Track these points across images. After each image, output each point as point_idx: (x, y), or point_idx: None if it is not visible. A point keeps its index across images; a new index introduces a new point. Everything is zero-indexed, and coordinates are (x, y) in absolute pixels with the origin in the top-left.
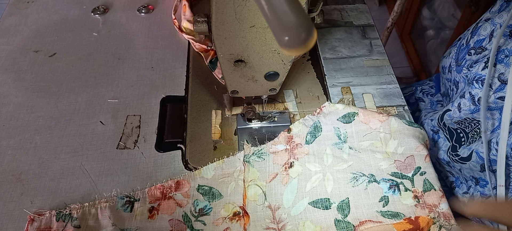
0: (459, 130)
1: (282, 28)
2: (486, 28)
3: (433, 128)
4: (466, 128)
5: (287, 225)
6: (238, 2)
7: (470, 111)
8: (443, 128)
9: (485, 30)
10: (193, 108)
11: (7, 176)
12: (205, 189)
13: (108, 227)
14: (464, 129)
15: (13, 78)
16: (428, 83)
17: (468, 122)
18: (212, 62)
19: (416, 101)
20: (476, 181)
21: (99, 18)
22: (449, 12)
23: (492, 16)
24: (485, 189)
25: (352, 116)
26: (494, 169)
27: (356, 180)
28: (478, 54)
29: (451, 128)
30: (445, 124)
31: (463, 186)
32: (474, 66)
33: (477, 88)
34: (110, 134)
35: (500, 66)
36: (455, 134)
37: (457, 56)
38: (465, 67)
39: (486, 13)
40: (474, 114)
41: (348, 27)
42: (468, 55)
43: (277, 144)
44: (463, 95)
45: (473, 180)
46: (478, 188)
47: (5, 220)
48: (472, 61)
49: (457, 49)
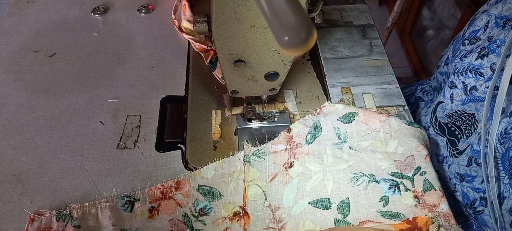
0: (450, 124)
1: (282, 28)
2: (481, 19)
3: (426, 124)
4: (456, 121)
5: (287, 225)
6: (238, 2)
7: (461, 102)
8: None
9: (481, 21)
10: (193, 108)
11: (7, 176)
12: (205, 189)
13: (108, 227)
14: (454, 123)
15: (13, 78)
16: (428, 82)
17: (458, 115)
18: (212, 62)
19: (416, 101)
20: (460, 177)
21: (99, 18)
22: (449, 12)
23: (488, 8)
24: (474, 183)
25: (352, 116)
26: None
27: (356, 180)
28: (472, 44)
29: (442, 122)
30: (437, 117)
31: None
32: (467, 56)
33: (470, 78)
34: (110, 134)
35: (492, 56)
36: (446, 128)
37: (454, 48)
38: (458, 57)
39: (484, 5)
40: (465, 106)
41: (348, 27)
42: (462, 45)
43: (277, 143)
44: (454, 85)
45: (458, 177)
46: (464, 184)
47: (5, 220)
48: (466, 51)
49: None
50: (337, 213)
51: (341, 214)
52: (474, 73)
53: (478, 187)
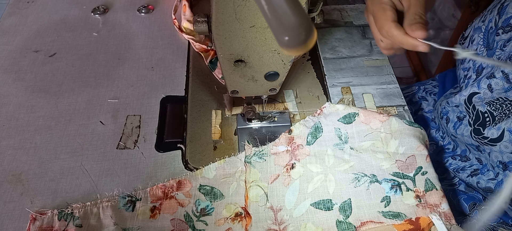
0: (487, 113)
1: (282, 28)
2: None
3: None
4: (496, 109)
5: (289, 227)
6: (238, 2)
7: (503, 89)
8: (472, 111)
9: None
10: (193, 108)
11: (7, 176)
12: (207, 189)
13: (110, 227)
14: (492, 112)
15: (13, 78)
16: (431, 82)
17: (499, 103)
18: (212, 62)
19: (419, 100)
20: (504, 166)
21: (99, 18)
22: (449, 12)
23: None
24: None
25: (352, 117)
26: None
27: (357, 180)
28: (507, 32)
29: (480, 110)
30: (474, 106)
31: (490, 173)
32: (507, 45)
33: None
34: (110, 134)
35: None
36: (481, 117)
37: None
38: (498, 48)
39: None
40: (508, 93)
41: (348, 27)
42: (497, 35)
43: (278, 145)
44: (492, 75)
45: (500, 165)
46: (507, 173)
47: (5, 220)
48: (503, 40)
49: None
50: (338, 214)
51: (343, 215)
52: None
53: None
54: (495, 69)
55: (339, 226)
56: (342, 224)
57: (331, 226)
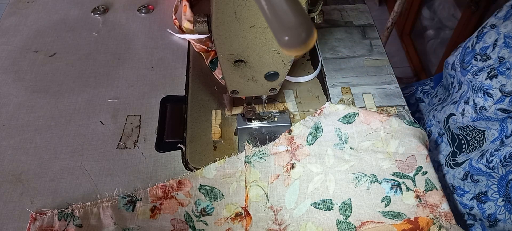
0: (461, 136)
1: (282, 28)
2: (491, 35)
3: (440, 130)
4: (467, 135)
5: (289, 227)
6: (238, 2)
7: (472, 119)
8: (448, 131)
9: (490, 37)
10: (193, 108)
11: (7, 176)
12: (207, 189)
13: (110, 226)
14: (465, 136)
15: (13, 78)
16: (429, 83)
17: (469, 130)
18: (213, 62)
19: (416, 101)
20: (453, 189)
21: (99, 18)
22: (449, 12)
23: (497, 23)
24: (463, 199)
25: (352, 116)
26: (476, 179)
27: (358, 180)
28: (483, 61)
29: (455, 133)
30: (449, 127)
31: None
32: (478, 75)
33: (480, 98)
34: (110, 134)
35: (502, 78)
36: (457, 139)
37: (462, 58)
38: (470, 73)
39: (492, 17)
40: (475, 123)
41: (348, 27)
42: (474, 60)
43: (278, 144)
44: (468, 101)
45: (451, 187)
46: (455, 197)
47: (5, 220)
48: (477, 68)
49: (462, 50)
50: (339, 214)
51: (343, 215)
52: (483, 93)
53: (466, 203)
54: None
55: (339, 226)
56: (342, 224)
57: (331, 226)
